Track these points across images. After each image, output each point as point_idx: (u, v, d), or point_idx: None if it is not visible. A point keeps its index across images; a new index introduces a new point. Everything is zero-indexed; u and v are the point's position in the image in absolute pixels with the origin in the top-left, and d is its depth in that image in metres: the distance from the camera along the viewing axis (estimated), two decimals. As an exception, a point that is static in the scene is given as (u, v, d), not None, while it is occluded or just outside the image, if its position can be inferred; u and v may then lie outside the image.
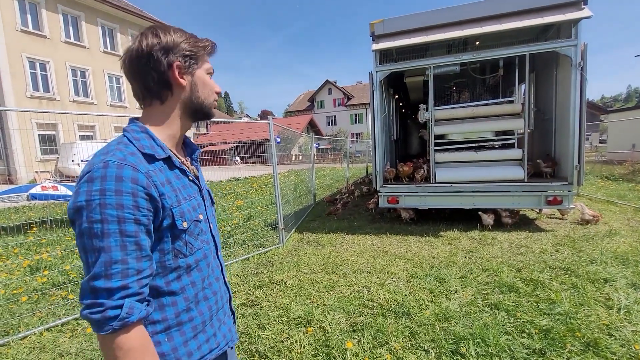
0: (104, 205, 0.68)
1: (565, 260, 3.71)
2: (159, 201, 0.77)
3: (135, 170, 0.73)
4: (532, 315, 2.60)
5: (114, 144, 0.78)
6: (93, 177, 0.70)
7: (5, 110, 3.27)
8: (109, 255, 0.68)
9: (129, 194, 0.71)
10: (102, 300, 0.67)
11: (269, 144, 4.90)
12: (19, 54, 14.98)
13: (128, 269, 0.70)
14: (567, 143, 4.86)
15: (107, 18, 18.70)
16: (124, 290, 0.69)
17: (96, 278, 0.68)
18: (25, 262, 4.22)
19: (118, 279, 0.69)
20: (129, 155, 0.75)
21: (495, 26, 4.81)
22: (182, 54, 0.84)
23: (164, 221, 0.79)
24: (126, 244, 0.70)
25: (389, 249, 4.46)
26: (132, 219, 0.71)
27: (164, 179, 0.80)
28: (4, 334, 2.67)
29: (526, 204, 5.11)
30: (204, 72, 0.90)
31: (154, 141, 0.83)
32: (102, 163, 0.71)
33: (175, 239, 0.82)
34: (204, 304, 0.89)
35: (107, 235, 0.69)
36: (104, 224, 0.68)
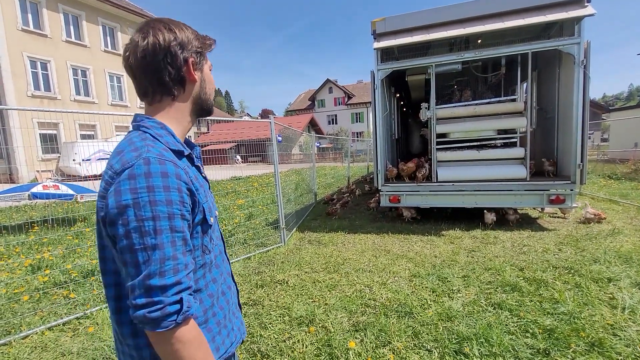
0: (154, 202, 0.68)
1: (568, 259, 3.69)
2: (196, 196, 0.78)
3: (176, 166, 0.73)
4: (536, 315, 2.59)
5: (138, 140, 0.75)
6: (135, 174, 0.68)
7: (6, 108, 3.25)
8: (163, 252, 0.68)
9: (176, 190, 0.71)
10: (159, 298, 0.67)
11: (270, 143, 4.89)
12: (20, 53, 14.98)
13: (178, 264, 0.70)
14: (569, 141, 4.84)
15: (108, 17, 18.69)
16: (178, 285, 0.69)
17: (151, 277, 0.67)
18: (27, 261, 4.22)
19: (171, 275, 0.69)
20: (164, 152, 0.75)
21: (498, 24, 4.78)
22: (194, 50, 0.84)
23: (197, 216, 0.79)
24: (175, 240, 0.70)
25: (391, 248, 4.44)
26: (179, 214, 0.71)
27: (193, 175, 0.81)
28: (6, 333, 2.66)
29: (528, 203, 5.09)
30: (208, 68, 0.91)
31: (174, 138, 0.82)
32: (142, 160, 0.70)
33: (204, 234, 0.83)
34: (222, 299, 0.91)
35: (160, 232, 0.68)
36: (156, 221, 0.68)
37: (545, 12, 4.68)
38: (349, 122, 45.97)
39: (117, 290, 0.79)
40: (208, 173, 3.86)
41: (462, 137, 5.55)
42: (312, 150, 9.80)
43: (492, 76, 6.60)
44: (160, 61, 0.79)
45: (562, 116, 5.19)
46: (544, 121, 5.81)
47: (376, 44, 5.31)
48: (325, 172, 15.47)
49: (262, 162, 16.91)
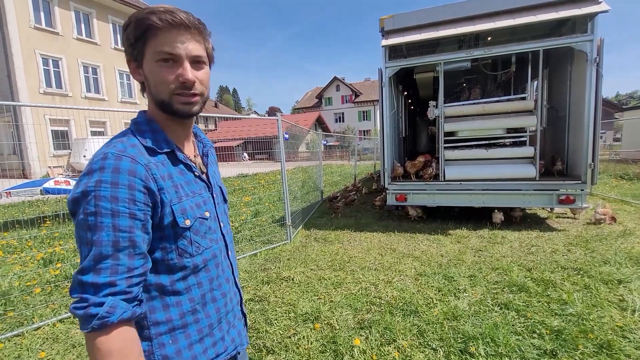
0: (99, 198, 0.66)
1: (577, 260, 3.64)
2: (157, 195, 0.73)
3: (134, 162, 0.70)
4: (543, 316, 2.56)
5: (118, 135, 0.77)
6: (92, 169, 0.68)
7: (19, 105, 3.33)
8: (99, 250, 0.65)
9: (125, 187, 0.68)
10: (88, 296, 0.64)
11: (277, 141, 4.90)
12: (33, 51, 15.25)
13: (118, 265, 0.67)
14: (581, 141, 4.75)
15: (117, 15, 18.90)
16: (111, 287, 0.66)
17: (84, 272, 0.65)
18: (39, 255, 4.32)
19: (107, 274, 0.65)
20: (129, 147, 0.72)
21: (508, 21, 4.71)
22: (129, 42, 0.76)
23: (165, 218, 0.75)
24: (119, 240, 0.67)
25: (397, 247, 4.43)
26: (126, 213, 0.68)
27: (165, 173, 0.77)
28: (19, 324, 2.73)
29: (537, 203, 5.02)
30: (151, 59, 0.75)
31: (159, 134, 0.79)
32: (102, 155, 0.69)
33: (178, 237, 0.77)
34: (211, 306, 0.85)
35: (100, 228, 0.66)
36: (97, 216, 0.66)
37: (558, 9, 4.60)
38: (356, 120, 45.82)
39: None
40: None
41: (471, 135, 5.49)
42: (319, 148, 9.80)
43: (501, 74, 6.52)
44: None
45: (574, 115, 5.10)
46: (554, 120, 5.72)
47: (384, 41, 5.27)
48: (332, 170, 15.47)
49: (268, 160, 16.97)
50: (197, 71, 0.78)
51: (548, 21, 4.65)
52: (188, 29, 0.75)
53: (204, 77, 0.80)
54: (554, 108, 5.71)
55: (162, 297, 0.77)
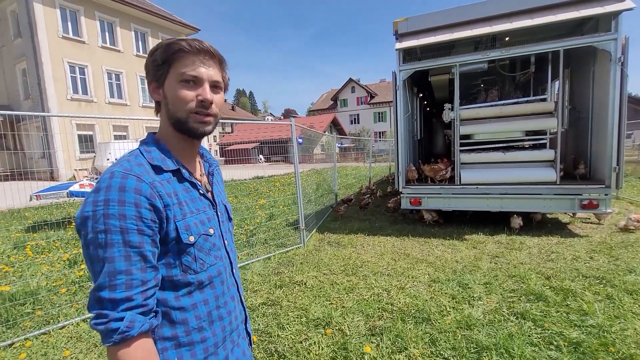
0: (107, 216, 0.69)
1: (600, 268, 3.50)
2: (163, 212, 0.76)
3: (139, 181, 0.73)
4: (562, 327, 2.48)
5: (126, 156, 0.80)
6: (99, 187, 0.71)
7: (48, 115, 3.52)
8: (113, 266, 0.69)
9: (132, 204, 0.71)
10: (107, 312, 0.68)
11: (292, 144, 4.96)
12: (61, 59, 16.01)
13: (132, 279, 0.70)
14: (604, 143, 4.57)
15: (139, 23, 19.60)
16: (128, 302, 0.69)
17: (101, 288, 0.68)
18: (65, 256, 4.53)
19: (122, 290, 0.69)
20: (135, 166, 0.76)
21: (526, 21, 4.59)
22: (155, 65, 0.82)
23: (170, 234, 0.78)
24: (130, 255, 0.70)
25: (411, 252, 4.39)
26: (135, 229, 0.71)
27: (171, 191, 0.79)
28: (45, 323, 2.88)
29: (558, 208, 4.85)
30: (174, 80, 0.80)
31: (165, 153, 0.83)
32: (109, 173, 0.73)
33: (181, 253, 0.80)
34: (217, 324, 0.86)
35: (111, 245, 0.69)
36: (108, 234, 0.69)
37: (579, 8, 4.45)
38: (371, 121, 45.56)
39: None
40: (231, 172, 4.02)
41: (488, 138, 5.37)
42: (333, 151, 9.82)
43: (520, 75, 6.35)
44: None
45: (597, 116, 4.91)
46: (576, 121, 5.51)
47: (398, 44, 5.25)
48: (347, 172, 15.44)
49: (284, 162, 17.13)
50: (214, 94, 0.84)
51: (568, 20, 4.50)
52: (212, 57, 0.83)
53: (219, 101, 0.86)
54: (576, 109, 5.51)
55: (168, 312, 0.79)
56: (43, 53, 15.33)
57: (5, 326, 2.80)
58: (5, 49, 17.43)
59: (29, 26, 15.30)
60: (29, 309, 3.11)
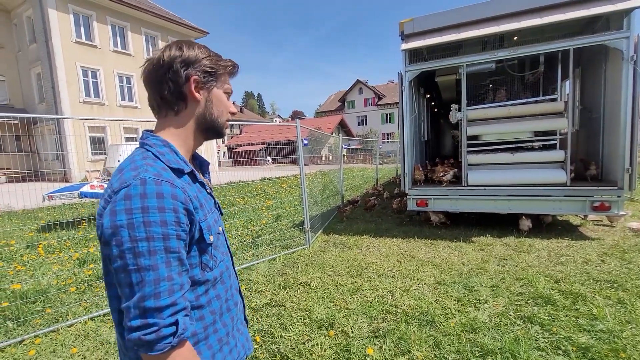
0: (148, 223, 0.68)
1: (611, 272, 3.41)
2: (194, 215, 0.77)
3: (173, 186, 0.73)
4: (570, 331, 2.43)
5: (140, 159, 0.77)
6: (131, 194, 0.69)
7: (62, 118, 3.61)
8: (157, 274, 0.68)
9: (171, 210, 0.71)
10: (155, 320, 0.67)
11: (297, 146, 4.97)
12: (74, 64, 16.39)
13: (174, 284, 0.70)
14: (617, 143, 4.46)
15: (150, 27, 19.93)
16: (173, 307, 0.69)
17: (145, 298, 0.67)
18: (75, 255, 4.62)
19: (166, 296, 0.68)
20: (162, 171, 0.75)
21: (535, 20, 4.52)
22: (201, 69, 0.84)
23: (195, 236, 0.79)
24: (170, 260, 0.70)
25: (417, 254, 4.35)
26: (174, 235, 0.71)
27: (194, 193, 0.81)
28: (55, 321, 2.94)
29: (569, 210, 4.75)
30: (221, 91, 0.90)
31: (177, 155, 0.82)
32: (139, 180, 0.71)
33: (202, 252, 0.82)
34: (227, 316, 0.90)
35: (154, 253, 0.68)
36: (150, 241, 0.68)
37: (589, 6, 4.36)
38: (379, 123, 45.41)
39: (119, 303, 0.76)
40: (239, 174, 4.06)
41: (496, 139, 5.29)
42: (340, 152, 9.81)
43: (529, 75, 6.25)
44: (162, 75, 0.82)
45: (609, 116, 4.80)
46: (587, 122, 5.40)
47: (404, 45, 5.22)
48: (354, 173, 15.40)
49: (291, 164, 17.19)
50: None
51: (578, 19, 4.42)
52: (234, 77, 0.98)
53: None
54: (587, 109, 5.39)
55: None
56: (57, 57, 15.71)
57: (17, 323, 2.86)
58: (21, 54, 17.94)
59: (43, 31, 15.71)
60: (39, 306, 3.17)
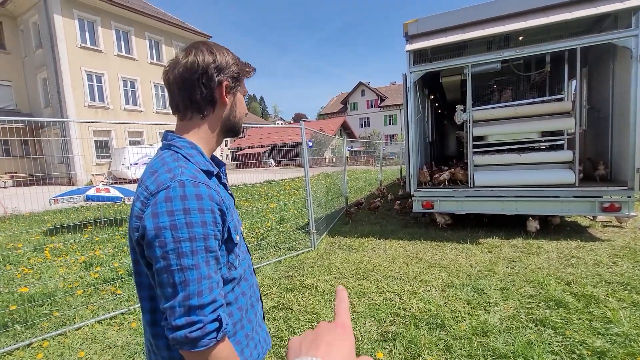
0: (191, 224, 0.70)
1: (624, 274, 3.35)
2: (226, 215, 0.80)
3: (209, 188, 0.76)
4: (584, 335, 2.37)
5: (172, 161, 0.78)
6: (171, 196, 0.71)
7: (68, 121, 3.63)
8: (199, 272, 0.71)
9: (210, 211, 0.73)
10: (199, 318, 0.69)
11: (302, 148, 4.96)
12: (79, 68, 16.55)
13: (212, 282, 0.73)
14: (626, 143, 4.40)
15: (153, 31, 20.11)
16: (214, 303, 0.72)
17: (190, 297, 0.69)
18: (82, 258, 4.63)
19: (207, 294, 0.71)
20: (196, 173, 0.77)
21: (541, 19, 4.48)
22: (231, 74, 0.87)
23: (224, 236, 0.81)
24: (209, 259, 0.73)
25: (423, 256, 4.30)
26: (212, 234, 0.74)
27: (223, 195, 0.83)
28: (62, 324, 2.94)
29: (578, 211, 4.68)
30: (241, 94, 0.94)
31: (204, 157, 0.85)
32: (177, 182, 0.73)
33: (229, 252, 0.85)
34: (251, 312, 0.93)
35: (196, 252, 0.71)
36: (193, 242, 0.70)
37: (597, 4, 4.32)
38: (381, 124, 45.35)
39: (152, 304, 0.81)
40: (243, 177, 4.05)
41: (502, 139, 5.24)
42: (343, 154, 9.79)
43: (535, 74, 6.20)
44: (196, 79, 0.82)
45: (618, 115, 4.74)
46: (596, 121, 5.34)
47: (408, 46, 5.20)
48: (357, 175, 15.37)
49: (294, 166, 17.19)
50: None
51: (586, 17, 4.37)
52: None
53: None
54: (595, 109, 5.33)
55: None
56: (62, 62, 15.88)
57: (25, 326, 2.86)
58: (27, 59, 18.15)
59: (49, 37, 15.89)
60: (46, 310, 3.17)
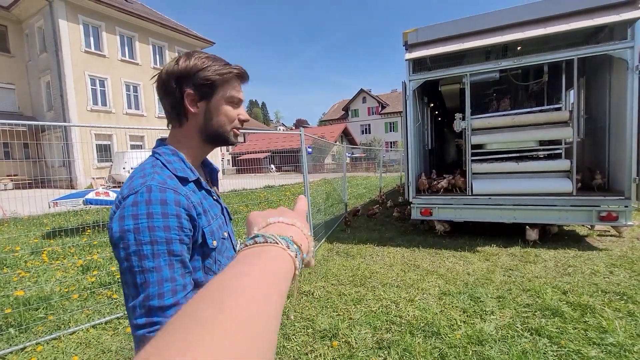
0: (153, 228, 0.73)
1: (620, 283, 3.34)
2: (196, 220, 0.81)
3: (177, 193, 0.78)
4: (579, 345, 2.37)
5: (149, 167, 0.83)
6: (138, 200, 0.74)
7: (71, 125, 3.67)
8: (160, 275, 0.72)
9: (174, 216, 0.75)
10: (159, 319, 0.71)
11: (302, 154, 4.99)
12: (83, 72, 16.69)
13: (176, 285, 0.74)
14: (623, 153, 4.42)
15: (157, 37, 20.31)
16: (176, 306, 0.73)
17: (150, 298, 0.71)
18: (79, 262, 4.63)
19: (169, 296, 0.72)
20: (167, 179, 0.80)
21: (539, 30, 4.55)
22: (197, 82, 0.86)
23: (197, 240, 0.83)
24: (173, 263, 0.74)
25: (421, 263, 4.30)
26: (177, 239, 0.75)
27: (198, 200, 0.85)
28: (57, 328, 2.93)
29: (575, 220, 4.69)
30: (223, 100, 0.89)
31: (184, 164, 0.87)
32: (145, 187, 0.76)
33: (205, 257, 0.85)
34: None
35: (157, 255, 0.73)
36: (154, 245, 0.72)
37: (593, 16, 4.38)
38: (382, 131, 45.52)
39: None
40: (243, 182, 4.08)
41: (500, 148, 5.27)
42: (344, 160, 9.82)
43: (533, 84, 6.25)
44: (163, 91, 0.89)
45: (615, 126, 4.77)
46: (593, 131, 5.37)
47: (408, 55, 5.26)
48: (357, 182, 15.39)
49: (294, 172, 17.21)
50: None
51: (582, 29, 4.43)
52: (246, 82, 0.95)
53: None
54: (592, 118, 5.37)
55: None
56: (66, 66, 16.01)
57: (19, 330, 2.86)
58: (31, 63, 18.31)
59: (54, 41, 16.05)
60: (42, 313, 3.17)
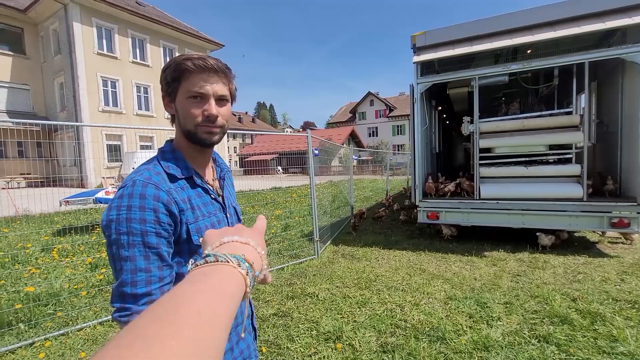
0: (130, 220, 0.77)
1: (632, 291, 3.26)
2: (178, 216, 0.84)
3: (157, 189, 0.81)
4: (589, 353, 2.32)
5: (145, 164, 0.88)
6: (123, 194, 0.80)
7: (83, 125, 3.75)
8: (134, 264, 0.76)
9: (151, 210, 0.79)
10: (130, 305, 0.75)
11: (309, 156, 5.00)
12: (95, 74, 17.02)
13: (151, 276, 0.78)
14: (635, 158, 4.34)
15: (168, 39, 20.63)
16: (148, 296, 0.76)
17: (123, 285, 0.76)
18: (88, 260, 4.70)
19: (142, 286, 0.76)
20: (154, 175, 0.84)
21: (549, 34, 4.50)
22: (165, 83, 0.89)
23: (182, 236, 0.86)
24: (149, 255, 0.78)
25: (427, 267, 4.26)
26: (153, 232, 0.79)
27: (185, 197, 0.87)
28: (65, 324, 2.98)
29: (585, 226, 4.60)
30: (183, 96, 0.87)
31: (180, 162, 0.91)
32: (131, 181, 0.81)
33: (192, 253, 0.88)
34: None
35: (132, 245, 0.77)
36: (130, 235, 0.77)
37: (605, 19, 4.32)
38: (390, 134, 45.38)
39: None
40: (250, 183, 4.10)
41: (509, 152, 5.21)
42: (350, 163, 9.81)
43: (543, 88, 6.18)
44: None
45: (627, 130, 4.68)
46: (605, 136, 5.28)
47: (416, 57, 5.25)
48: (364, 185, 15.35)
49: (301, 174, 17.24)
50: (220, 107, 0.89)
51: (594, 32, 4.37)
52: (216, 73, 0.87)
53: (225, 113, 0.91)
54: (604, 123, 5.28)
55: None
56: (79, 68, 16.36)
57: (28, 325, 2.91)
58: (45, 65, 18.74)
59: (68, 43, 16.42)
60: (51, 309, 3.23)
